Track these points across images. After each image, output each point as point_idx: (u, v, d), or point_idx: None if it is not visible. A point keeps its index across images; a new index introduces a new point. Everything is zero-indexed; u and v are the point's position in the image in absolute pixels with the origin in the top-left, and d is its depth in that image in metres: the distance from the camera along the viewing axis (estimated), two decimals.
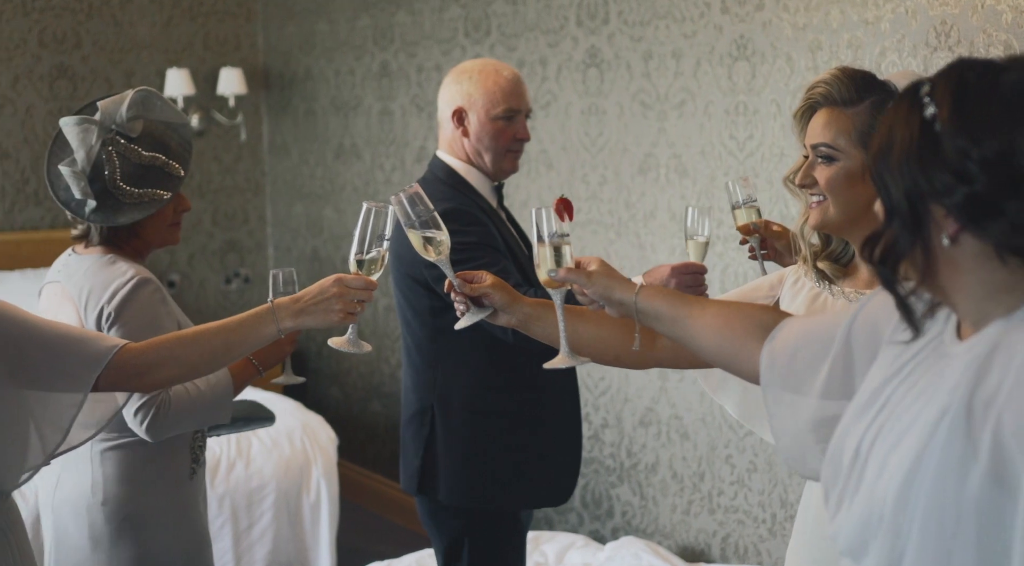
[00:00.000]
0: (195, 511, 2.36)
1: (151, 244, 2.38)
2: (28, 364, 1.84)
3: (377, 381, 5.29)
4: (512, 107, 2.67)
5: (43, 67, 5.33)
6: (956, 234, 1.23)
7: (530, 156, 4.25)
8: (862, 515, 1.30)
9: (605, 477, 4.08)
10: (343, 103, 5.33)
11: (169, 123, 2.34)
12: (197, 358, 1.94)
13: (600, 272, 1.72)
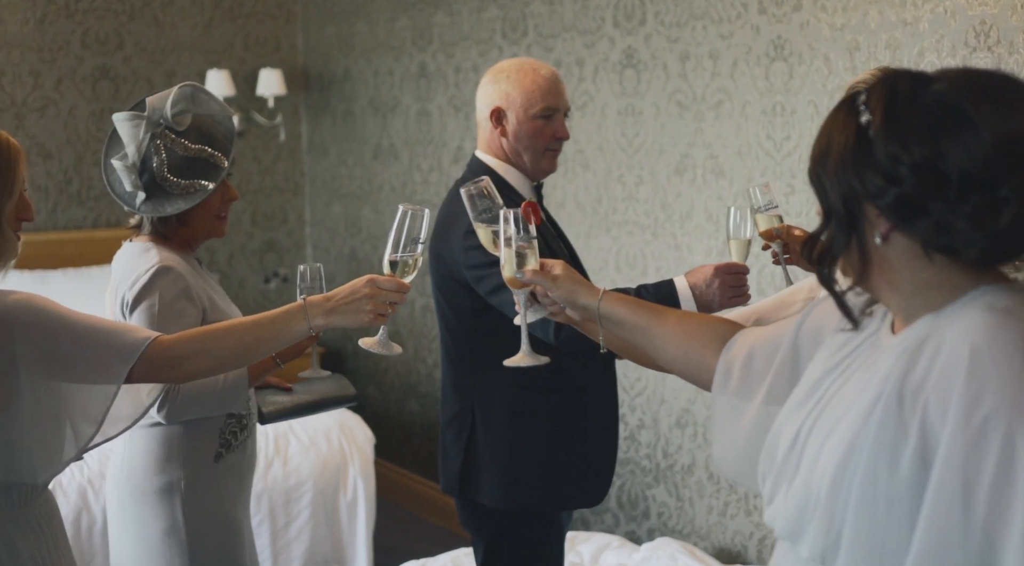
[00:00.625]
0: (219, 494, 2.41)
1: (198, 234, 2.45)
2: (63, 356, 1.86)
3: (414, 380, 5.31)
4: (550, 106, 2.67)
5: (86, 68, 5.40)
6: (888, 233, 1.32)
7: (567, 156, 4.25)
8: (799, 499, 1.36)
9: (641, 478, 4.08)
10: (381, 104, 5.36)
11: (214, 116, 2.42)
12: (228, 352, 1.96)
13: (565, 276, 1.80)
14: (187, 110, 2.38)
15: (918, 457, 1.26)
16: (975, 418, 1.22)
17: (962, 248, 1.29)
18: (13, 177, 1.93)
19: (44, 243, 5.25)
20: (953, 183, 1.27)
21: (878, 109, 1.31)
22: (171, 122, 2.36)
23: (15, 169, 1.93)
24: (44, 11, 5.28)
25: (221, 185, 2.40)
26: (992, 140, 1.26)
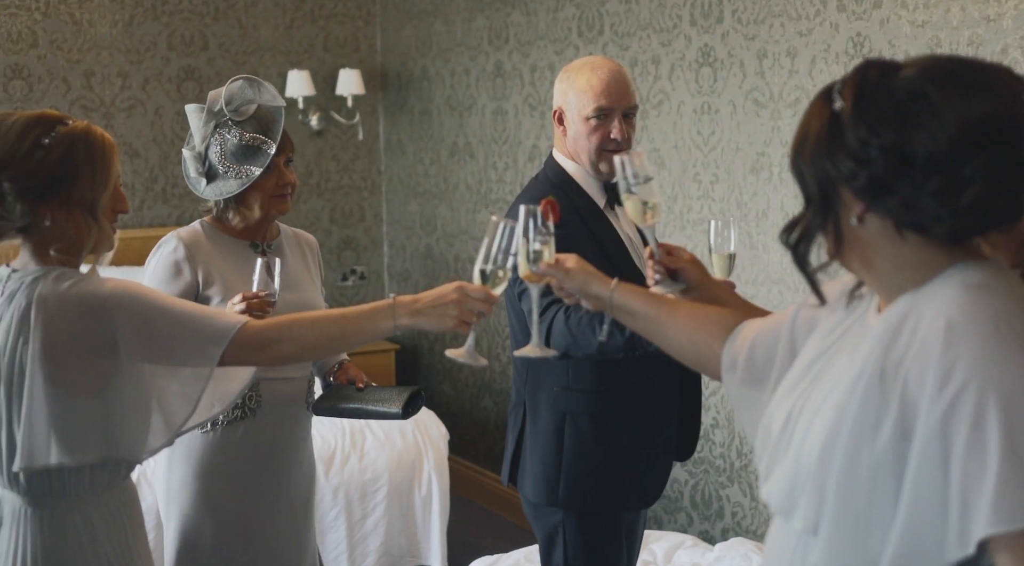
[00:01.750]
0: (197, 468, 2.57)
1: (256, 215, 2.62)
2: (160, 340, 1.94)
3: (488, 378, 5.35)
4: (603, 106, 2.61)
5: (172, 69, 5.53)
6: (862, 214, 1.38)
7: None
8: (790, 474, 1.42)
9: (715, 477, 4.06)
10: (458, 103, 5.41)
11: (267, 106, 2.61)
12: (314, 340, 2.01)
13: (577, 268, 1.89)
14: (245, 101, 2.57)
15: (899, 428, 1.32)
16: (949, 388, 1.28)
17: (930, 225, 1.35)
18: (109, 171, 2.00)
19: (130, 240, 5.37)
20: (919, 164, 1.33)
21: (849, 96, 1.37)
22: (229, 113, 2.56)
23: (111, 163, 2.00)
24: (132, 13, 5.42)
25: (275, 170, 2.58)
26: (955, 123, 1.32)
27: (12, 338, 1.91)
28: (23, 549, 1.96)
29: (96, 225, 1.98)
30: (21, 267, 1.99)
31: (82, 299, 1.92)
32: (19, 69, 5.23)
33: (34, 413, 1.89)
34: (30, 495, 1.97)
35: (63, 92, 5.30)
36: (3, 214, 1.93)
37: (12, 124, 1.94)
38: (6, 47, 5.20)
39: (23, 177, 1.92)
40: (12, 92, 5.22)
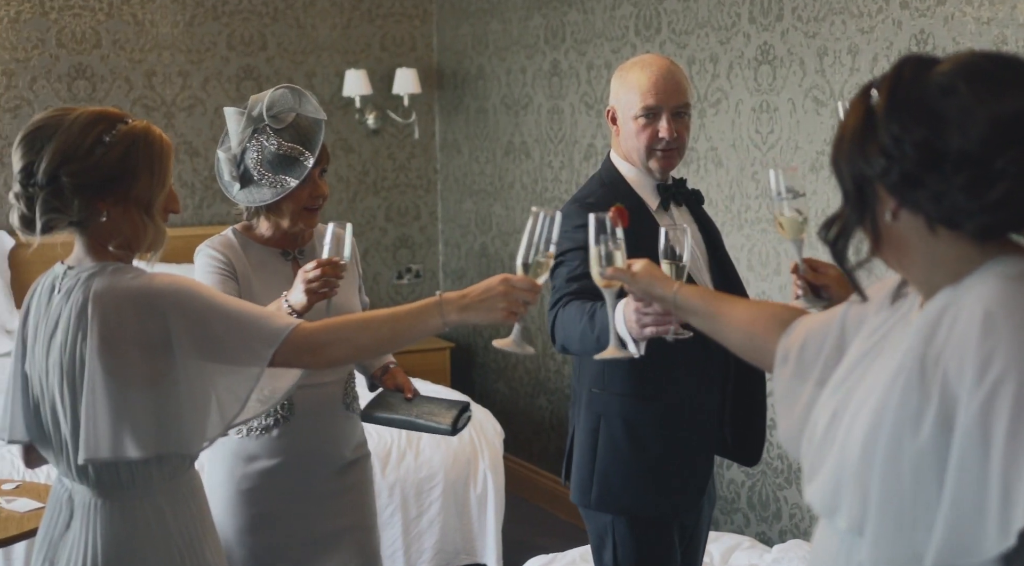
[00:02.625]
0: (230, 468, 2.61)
1: (284, 225, 2.60)
2: (213, 337, 1.95)
3: (543, 377, 5.35)
4: (650, 105, 2.57)
5: (231, 69, 5.59)
6: (896, 211, 1.39)
7: (699, 153, 4.24)
8: (833, 473, 1.43)
9: (773, 479, 4.03)
10: (514, 101, 5.41)
11: (308, 117, 2.58)
12: (365, 341, 2.03)
13: (643, 272, 1.97)
14: (286, 109, 2.54)
15: (940, 420, 1.32)
16: (988, 377, 1.28)
17: (962, 221, 1.36)
18: (166, 171, 2.02)
19: (190, 237, 5.44)
20: (950, 160, 1.34)
21: (884, 92, 1.39)
22: (268, 119, 2.53)
23: (168, 163, 2.03)
24: (193, 14, 5.48)
25: (309, 181, 2.55)
26: (986, 119, 1.32)
27: (71, 334, 1.94)
28: (93, 541, 1.99)
29: (152, 223, 2.00)
30: (76, 263, 2.01)
31: (138, 294, 1.93)
32: (83, 69, 5.32)
33: (95, 407, 1.91)
34: (99, 487, 2.00)
35: (125, 91, 5.37)
36: (60, 207, 1.94)
37: (74, 120, 1.97)
38: (70, 47, 5.29)
39: (83, 173, 1.94)
40: (76, 91, 5.30)
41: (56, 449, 2.02)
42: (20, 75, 5.21)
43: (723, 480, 4.24)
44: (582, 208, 2.56)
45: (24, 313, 2.06)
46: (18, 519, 2.96)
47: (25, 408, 2.05)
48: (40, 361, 2.00)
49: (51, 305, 1.99)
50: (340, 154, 5.84)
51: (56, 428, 2.00)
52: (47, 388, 1.99)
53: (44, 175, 1.93)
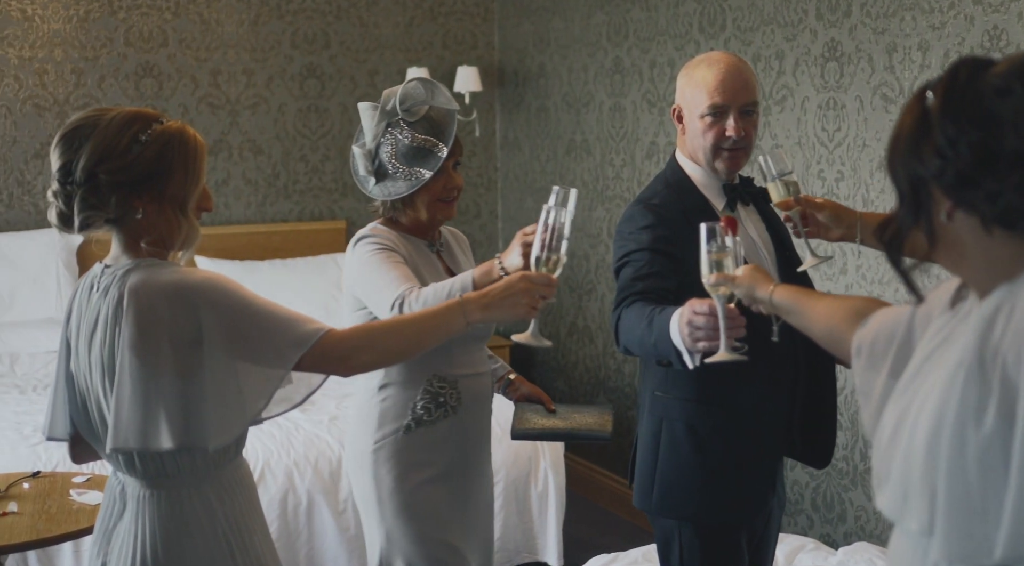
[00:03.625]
0: (407, 464, 2.61)
1: (423, 218, 2.65)
2: (243, 336, 1.97)
3: (603, 376, 5.34)
4: (716, 103, 2.52)
5: (294, 67, 5.64)
6: (951, 211, 1.40)
7: (763, 151, 4.20)
8: (900, 477, 1.44)
9: (838, 480, 3.99)
10: (575, 99, 5.40)
11: (441, 108, 2.61)
12: (393, 345, 2.09)
13: (744, 277, 2.07)
14: (418, 102, 2.57)
15: (1002, 412, 1.33)
16: None
17: (1017, 220, 1.37)
18: (199, 169, 2.05)
19: (253, 235, 5.51)
20: (1004, 160, 1.35)
21: (939, 94, 1.40)
22: (403, 113, 2.57)
23: (202, 162, 2.06)
24: (258, 12, 5.54)
25: (443, 173, 2.60)
26: None
27: (109, 329, 1.98)
28: (142, 531, 2.02)
29: (186, 220, 2.03)
30: (113, 261, 2.04)
31: (171, 288, 1.96)
32: (150, 67, 5.39)
33: (125, 397, 1.95)
34: (147, 478, 2.03)
35: (191, 90, 5.44)
36: (97, 205, 1.98)
37: (111, 120, 2.00)
38: (138, 46, 5.36)
39: (120, 170, 1.97)
40: (143, 90, 5.37)
41: (104, 443, 2.05)
42: (89, 74, 5.29)
43: (787, 481, 4.20)
44: (647, 209, 2.55)
45: (67, 314, 2.11)
46: (89, 512, 3.01)
47: (72, 406, 2.10)
48: (83, 358, 2.04)
49: (90, 303, 2.03)
50: None
51: (103, 423, 2.03)
52: (91, 384, 2.03)
53: (82, 173, 1.97)
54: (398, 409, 2.63)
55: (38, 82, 5.21)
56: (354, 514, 3.94)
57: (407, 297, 2.42)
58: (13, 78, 5.17)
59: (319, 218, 5.77)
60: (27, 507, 3.03)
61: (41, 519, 2.95)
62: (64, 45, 5.24)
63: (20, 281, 5.05)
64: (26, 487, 3.18)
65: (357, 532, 3.95)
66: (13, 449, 3.77)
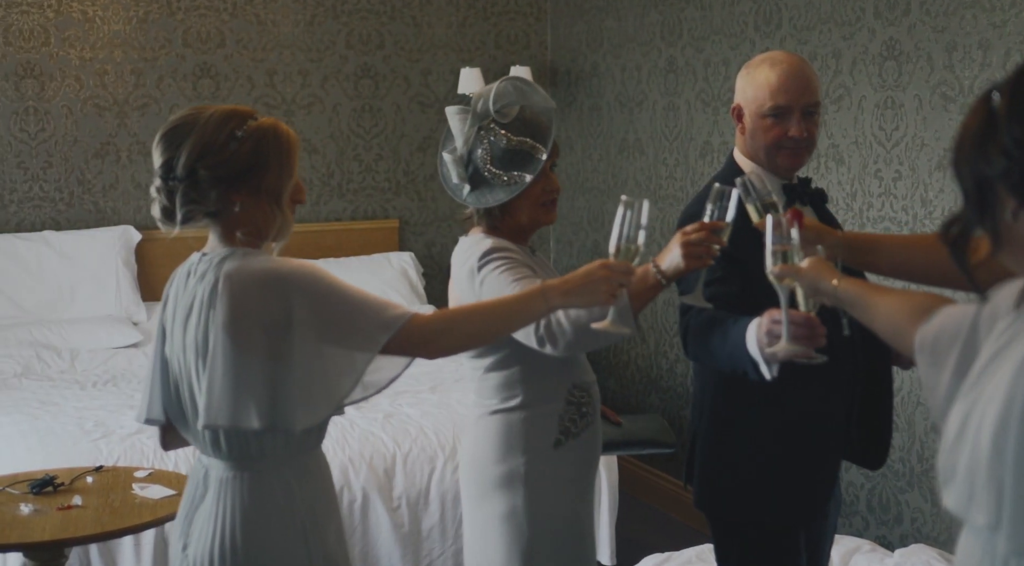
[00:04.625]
0: (560, 481, 2.46)
1: (523, 224, 2.50)
2: (333, 321, 2.04)
3: (655, 375, 5.33)
4: (779, 104, 2.51)
5: (349, 67, 5.68)
6: (1017, 210, 1.39)
7: (820, 150, 4.17)
8: (967, 473, 1.44)
9: (893, 482, 3.96)
10: (628, 99, 5.40)
11: (536, 107, 2.48)
12: (476, 330, 2.12)
13: (809, 268, 2.05)
14: (511, 103, 2.45)
15: None
16: None
17: None
18: (292, 163, 2.13)
19: (306, 234, 5.56)
20: None
21: (1006, 94, 1.40)
22: (495, 115, 2.44)
23: (294, 156, 2.14)
24: (313, 13, 5.59)
25: (542, 176, 2.45)
26: None
27: (204, 312, 2.06)
28: (223, 512, 2.09)
29: (280, 213, 2.11)
30: (210, 250, 2.14)
31: (264, 275, 2.04)
32: (207, 68, 5.46)
33: (216, 376, 2.02)
34: (231, 459, 2.10)
35: (247, 90, 5.50)
36: (197, 199, 2.07)
37: (209, 117, 2.09)
38: (196, 47, 5.43)
39: (218, 166, 2.06)
40: (201, 90, 5.44)
41: (194, 427, 2.13)
42: (148, 74, 5.37)
43: (842, 482, 4.17)
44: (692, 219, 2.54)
45: (164, 301, 2.19)
46: (152, 506, 3.06)
47: (164, 390, 2.16)
48: (178, 341, 2.12)
49: (187, 289, 2.11)
50: None
51: (193, 406, 2.10)
52: (184, 367, 2.10)
53: (183, 169, 2.06)
54: (543, 425, 2.46)
55: (98, 82, 5.30)
56: (408, 511, 3.97)
57: (554, 314, 2.26)
58: (74, 79, 5.26)
59: (372, 217, 5.82)
60: (91, 501, 3.08)
61: (105, 512, 3.00)
62: (124, 46, 5.32)
63: (81, 278, 5.13)
64: (89, 481, 3.24)
65: (411, 529, 3.98)
66: (75, 444, 3.83)
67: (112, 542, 3.54)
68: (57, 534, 2.87)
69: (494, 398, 2.47)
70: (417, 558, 3.99)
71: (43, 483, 3.14)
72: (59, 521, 2.94)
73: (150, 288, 5.32)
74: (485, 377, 2.47)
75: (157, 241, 5.36)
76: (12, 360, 4.76)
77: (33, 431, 3.94)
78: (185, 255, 3.62)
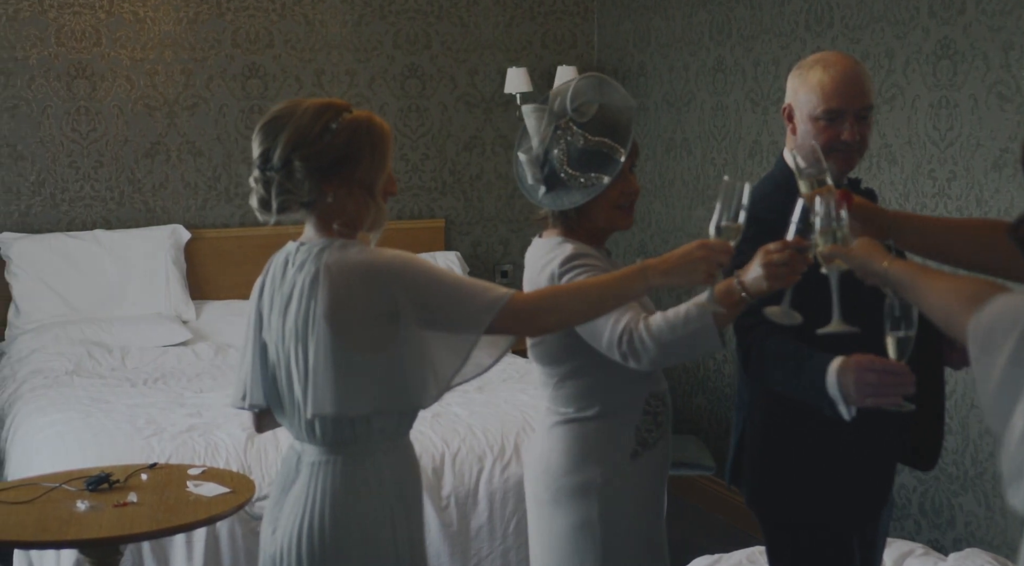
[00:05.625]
0: (636, 493, 2.42)
1: (600, 227, 2.42)
2: (435, 307, 2.09)
3: (702, 375, 5.31)
4: (832, 108, 2.46)
5: (396, 67, 5.70)
6: None
7: (872, 150, 4.14)
8: None
9: (947, 485, 3.92)
10: (676, 98, 5.37)
11: (615, 106, 2.39)
12: (577, 307, 2.13)
13: (859, 247, 2.04)
14: (589, 101, 2.37)
15: None
16: None
17: None
18: (385, 155, 2.16)
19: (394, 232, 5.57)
20: None
21: None
22: (573, 114, 2.36)
23: (387, 148, 2.17)
24: (361, 13, 5.61)
25: (619, 177, 2.36)
26: None
27: (305, 301, 2.10)
28: (313, 494, 2.14)
29: (374, 203, 2.15)
30: (307, 240, 2.18)
31: (365, 267, 2.08)
32: (256, 68, 5.49)
33: (321, 367, 2.07)
34: (326, 444, 2.15)
35: (295, 90, 5.53)
36: (292, 189, 2.12)
37: (304, 110, 2.14)
38: (244, 47, 5.46)
39: (313, 157, 2.10)
40: (249, 90, 5.48)
41: (289, 412, 2.18)
42: (197, 74, 5.41)
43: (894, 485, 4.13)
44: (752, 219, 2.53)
45: (259, 288, 2.24)
46: (206, 503, 3.07)
47: (263, 375, 2.21)
48: (277, 328, 2.17)
49: (286, 278, 2.16)
50: (500, 151, 5.90)
51: (290, 390, 2.15)
52: (283, 353, 2.16)
53: (279, 160, 2.11)
54: (620, 436, 2.40)
55: (149, 83, 5.34)
56: (457, 510, 3.97)
57: (634, 330, 2.20)
58: (125, 79, 5.31)
59: (418, 216, 5.83)
60: (146, 498, 3.10)
61: (161, 510, 3.02)
62: (174, 46, 5.36)
63: (131, 277, 5.18)
64: (144, 478, 3.26)
65: (459, 528, 3.98)
66: (128, 441, 3.86)
67: (164, 539, 3.57)
68: (114, 531, 2.89)
69: (569, 407, 2.41)
70: (465, 557, 4.00)
71: (99, 480, 3.16)
72: (115, 518, 2.96)
73: (199, 286, 5.36)
74: (560, 385, 2.42)
75: (206, 240, 5.40)
76: (64, 358, 4.81)
77: (86, 428, 3.98)
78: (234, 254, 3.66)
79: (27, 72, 5.16)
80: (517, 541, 4.00)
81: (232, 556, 3.72)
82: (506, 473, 4.01)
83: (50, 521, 2.94)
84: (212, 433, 3.94)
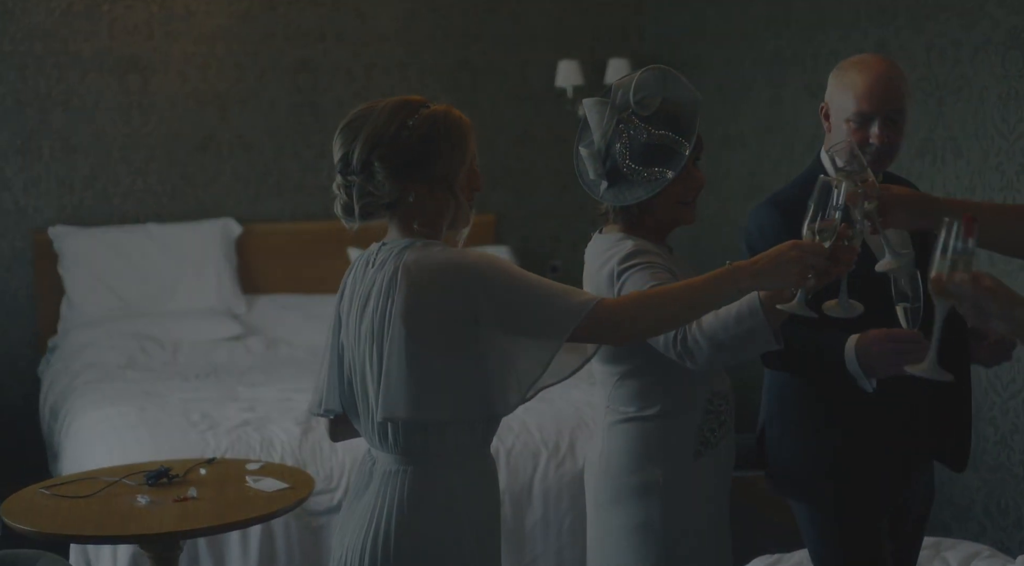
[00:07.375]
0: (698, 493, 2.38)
1: (663, 222, 2.38)
2: (518, 312, 2.01)
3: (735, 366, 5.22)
4: (862, 111, 2.46)
5: (448, 61, 5.66)
6: None
7: (936, 144, 4.05)
8: None
9: (1014, 486, 3.83)
10: (730, 90, 5.30)
11: (680, 99, 2.34)
12: (665, 313, 2.05)
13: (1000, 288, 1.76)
14: (652, 94, 2.32)
15: None
16: None
17: None
18: (465, 149, 2.10)
19: None
20: None
21: None
22: (635, 107, 2.31)
23: (468, 142, 2.11)
24: (412, 7, 5.58)
25: (683, 172, 2.31)
26: None
27: (383, 300, 2.04)
28: (383, 503, 2.07)
29: (455, 200, 2.08)
30: (390, 241, 2.13)
31: (446, 268, 2.02)
32: (307, 62, 5.47)
33: (395, 368, 2.01)
34: (400, 453, 2.08)
35: (346, 84, 5.51)
36: (374, 192, 2.07)
37: (381, 109, 2.08)
38: (295, 41, 5.45)
39: (391, 156, 2.04)
40: (300, 84, 5.46)
41: (363, 416, 2.12)
42: (249, 68, 5.40)
43: (956, 486, 4.05)
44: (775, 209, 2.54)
45: (340, 291, 2.19)
46: (266, 498, 3.05)
47: (339, 379, 2.16)
48: (353, 330, 2.11)
49: (365, 278, 2.11)
50: (551, 145, 5.85)
51: (364, 394, 2.10)
52: (358, 355, 2.10)
53: (359, 162, 2.06)
54: (682, 435, 2.36)
55: (200, 77, 5.34)
56: (511, 507, 3.93)
57: (688, 330, 2.17)
58: (177, 73, 5.31)
59: None
60: (206, 493, 3.08)
61: (221, 505, 3.00)
62: (226, 40, 5.35)
63: (182, 271, 5.18)
64: (203, 473, 3.24)
65: (514, 525, 3.94)
66: (183, 435, 3.85)
67: (219, 535, 3.55)
68: (175, 526, 2.87)
69: (630, 406, 2.37)
70: (520, 554, 3.96)
71: (158, 474, 3.15)
72: (176, 513, 2.94)
73: (250, 281, 5.35)
74: (620, 384, 2.38)
75: (258, 234, 5.39)
76: (116, 351, 4.82)
77: (141, 422, 3.97)
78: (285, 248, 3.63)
79: (80, 66, 5.17)
80: (572, 539, 3.95)
81: (287, 551, 3.70)
82: (561, 470, 3.97)
83: (111, 516, 2.93)
84: (266, 427, 3.92)
